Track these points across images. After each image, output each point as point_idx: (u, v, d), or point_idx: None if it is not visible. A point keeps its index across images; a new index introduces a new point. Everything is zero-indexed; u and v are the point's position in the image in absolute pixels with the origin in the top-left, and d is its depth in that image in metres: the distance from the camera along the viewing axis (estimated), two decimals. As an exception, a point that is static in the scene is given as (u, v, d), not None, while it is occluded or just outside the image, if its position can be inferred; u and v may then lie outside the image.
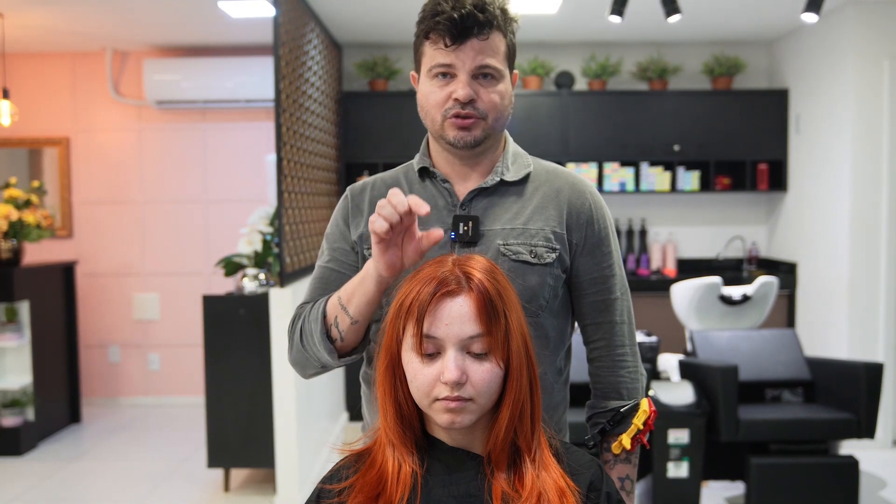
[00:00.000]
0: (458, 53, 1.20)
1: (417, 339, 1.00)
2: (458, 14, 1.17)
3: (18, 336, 4.34)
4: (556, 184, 1.31)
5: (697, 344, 3.38)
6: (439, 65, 1.21)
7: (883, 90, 4.21)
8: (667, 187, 5.03)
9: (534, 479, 1.01)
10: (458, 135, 1.23)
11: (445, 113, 1.23)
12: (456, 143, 1.24)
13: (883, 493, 3.58)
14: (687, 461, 3.03)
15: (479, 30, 1.19)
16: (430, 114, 1.25)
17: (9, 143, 5.27)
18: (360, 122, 4.97)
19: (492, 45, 1.21)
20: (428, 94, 1.24)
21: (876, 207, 4.24)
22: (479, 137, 1.24)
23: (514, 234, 1.25)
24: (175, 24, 4.60)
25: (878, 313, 4.25)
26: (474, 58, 1.20)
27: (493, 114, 1.23)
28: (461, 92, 1.20)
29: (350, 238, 1.33)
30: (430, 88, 1.24)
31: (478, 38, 1.19)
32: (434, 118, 1.25)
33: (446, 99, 1.22)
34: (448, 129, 1.24)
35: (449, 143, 1.25)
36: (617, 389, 1.30)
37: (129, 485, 3.84)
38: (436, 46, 1.21)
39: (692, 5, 4.13)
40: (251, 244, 3.80)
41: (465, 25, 1.18)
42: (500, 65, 1.22)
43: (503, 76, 1.24)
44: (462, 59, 1.20)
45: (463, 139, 1.23)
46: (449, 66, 1.21)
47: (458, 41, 1.19)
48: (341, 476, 1.07)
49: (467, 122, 1.22)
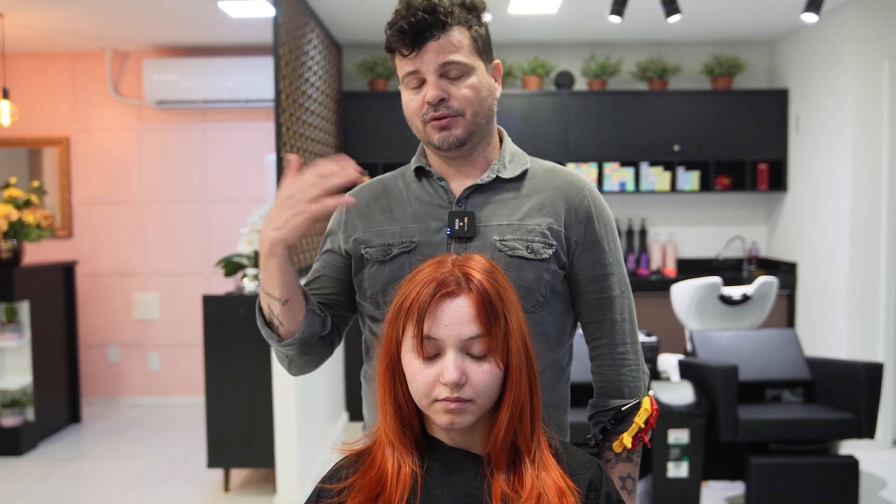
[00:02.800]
0: (419, 59, 1.22)
1: (417, 340, 1.00)
2: (408, 22, 1.20)
3: (18, 336, 4.34)
4: (555, 181, 1.31)
5: (697, 344, 3.38)
6: (407, 73, 1.24)
7: (883, 90, 4.21)
8: (667, 187, 5.03)
9: (533, 479, 1.01)
10: (440, 136, 1.24)
11: (423, 118, 1.25)
12: (441, 146, 1.25)
13: (883, 493, 3.58)
14: (687, 461, 3.03)
15: (430, 32, 1.20)
16: (413, 122, 1.28)
17: (9, 143, 5.27)
18: (360, 122, 4.97)
19: (451, 43, 1.21)
20: (407, 104, 1.27)
21: (876, 207, 4.24)
22: (462, 136, 1.24)
23: (511, 230, 1.25)
24: (175, 24, 4.60)
25: (878, 313, 4.25)
26: (435, 58, 1.21)
27: (469, 108, 1.24)
28: (430, 94, 1.22)
29: (339, 241, 1.35)
30: (407, 97, 1.27)
31: (433, 39, 1.21)
32: (417, 126, 1.27)
33: (421, 105, 1.24)
34: (431, 134, 1.25)
35: (436, 147, 1.26)
36: (618, 388, 1.30)
37: (129, 485, 3.84)
38: (400, 57, 1.24)
39: (692, 5, 4.13)
40: (251, 244, 3.80)
41: (418, 30, 1.20)
42: (465, 59, 1.23)
43: (472, 69, 1.24)
44: (424, 62, 1.22)
45: (446, 140, 1.24)
46: (415, 73, 1.23)
47: (416, 47, 1.21)
48: (341, 476, 1.07)
49: (444, 121, 1.23)
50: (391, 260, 1.26)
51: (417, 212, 1.29)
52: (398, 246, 1.27)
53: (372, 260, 1.28)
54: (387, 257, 1.27)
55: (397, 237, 1.28)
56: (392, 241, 1.27)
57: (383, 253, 1.27)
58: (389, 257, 1.27)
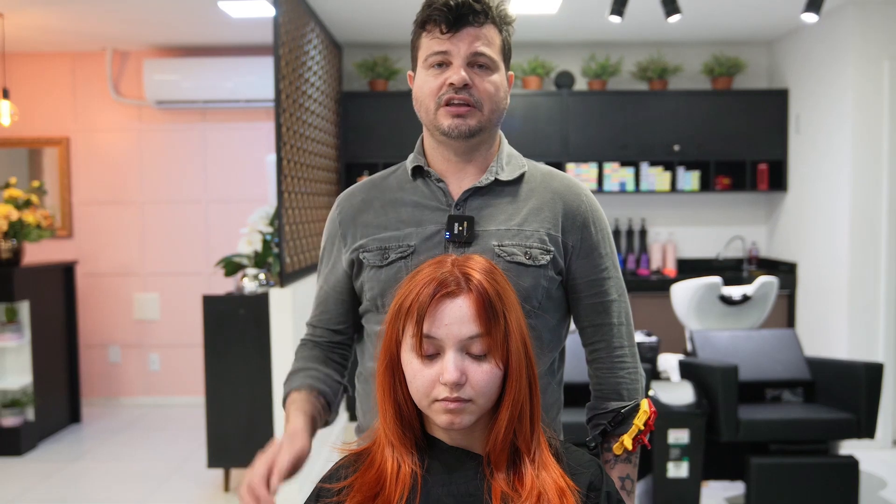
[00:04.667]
0: (453, 41, 1.21)
1: (417, 340, 1.00)
2: (455, 2, 1.20)
3: (18, 336, 4.34)
4: (552, 186, 1.31)
5: (697, 344, 3.38)
6: (435, 52, 1.22)
7: (883, 90, 4.21)
8: (667, 187, 5.03)
9: (533, 478, 1.02)
10: (452, 123, 1.22)
11: (439, 100, 1.23)
12: (450, 133, 1.23)
13: (883, 493, 3.58)
14: (687, 461, 3.03)
15: (474, 17, 1.21)
16: (424, 103, 1.25)
17: (9, 143, 5.27)
18: (360, 122, 4.97)
19: (487, 35, 1.22)
20: (423, 85, 1.25)
21: (876, 207, 4.24)
22: (474, 127, 1.23)
23: (510, 236, 1.25)
24: (175, 24, 4.60)
25: (878, 313, 4.25)
26: (470, 44, 1.21)
27: (488, 104, 1.23)
28: (456, 77, 1.21)
29: (339, 254, 1.35)
30: (425, 79, 1.25)
31: (473, 25, 1.21)
32: (428, 107, 1.25)
33: (441, 86, 1.22)
34: (442, 118, 1.23)
35: (443, 133, 1.24)
36: (617, 391, 1.30)
37: (129, 485, 3.84)
38: (432, 36, 1.22)
39: (692, 5, 4.13)
40: (251, 244, 3.80)
41: (461, 13, 1.20)
42: (495, 55, 1.23)
43: (498, 67, 1.25)
44: (458, 45, 1.21)
45: (458, 128, 1.23)
46: (445, 54, 1.22)
47: (454, 28, 1.20)
48: (340, 475, 1.07)
49: (462, 109, 1.22)
50: (388, 265, 1.26)
51: (414, 214, 1.28)
52: (395, 250, 1.26)
53: (369, 264, 1.28)
54: (384, 262, 1.26)
55: (394, 241, 1.27)
56: (389, 245, 1.27)
57: (380, 258, 1.27)
58: (387, 262, 1.26)
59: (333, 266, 1.36)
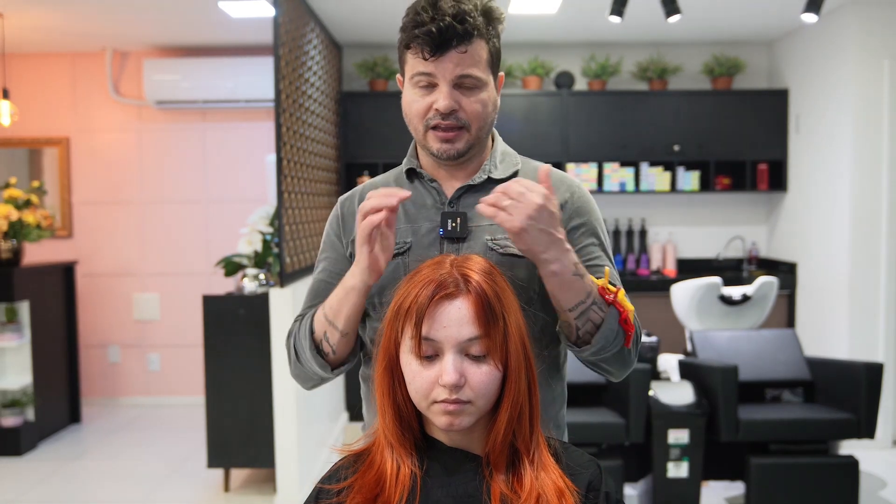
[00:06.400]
0: (437, 64, 1.19)
1: (416, 342, 1.00)
2: (437, 27, 1.17)
3: (18, 336, 4.34)
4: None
5: (697, 344, 3.38)
6: (420, 73, 1.21)
7: (883, 90, 4.21)
8: (667, 187, 5.03)
9: (532, 480, 1.02)
10: (441, 147, 1.24)
11: (427, 123, 1.23)
12: (440, 156, 1.25)
13: (883, 493, 3.58)
14: (687, 461, 3.03)
15: (458, 41, 1.18)
16: (412, 122, 1.26)
17: (9, 143, 5.27)
18: (360, 122, 4.97)
19: (473, 55, 1.20)
20: (411, 102, 1.25)
21: (876, 207, 4.23)
22: (463, 149, 1.24)
23: (502, 230, 1.24)
24: (175, 24, 4.60)
25: (878, 313, 4.25)
26: (454, 69, 1.19)
27: (476, 123, 1.23)
28: (442, 103, 1.20)
29: (342, 249, 1.35)
30: (412, 97, 1.24)
31: (457, 49, 1.19)
32: (416, 128, 1.26)
33: (427, 109, 1.22)
34: (431, 142, 1.24)
35: (433, 154, 1.26)
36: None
37: (129, 485, 3.84)
38: (417, 58, 1.21)
39: (692, 5, 4.13)
40: (251, 244, 3.80)
41: (445, 38, 1.17)
42: (481, 73, 1.22)
43: (485, 84, 1.23)
44: (442, 69, 1.20)
45: (447, 151, 1.24)
46: (429, 76, 1.21)
47: (438, 53, 1.19)
48: (340, 476, 1.07)
49: (450, 134, 1.22)
50: None
51: (410, 213, 1.29)
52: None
53: None
54: None
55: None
56: None
57: None
58: None
59: (335, 260, 1.35)
